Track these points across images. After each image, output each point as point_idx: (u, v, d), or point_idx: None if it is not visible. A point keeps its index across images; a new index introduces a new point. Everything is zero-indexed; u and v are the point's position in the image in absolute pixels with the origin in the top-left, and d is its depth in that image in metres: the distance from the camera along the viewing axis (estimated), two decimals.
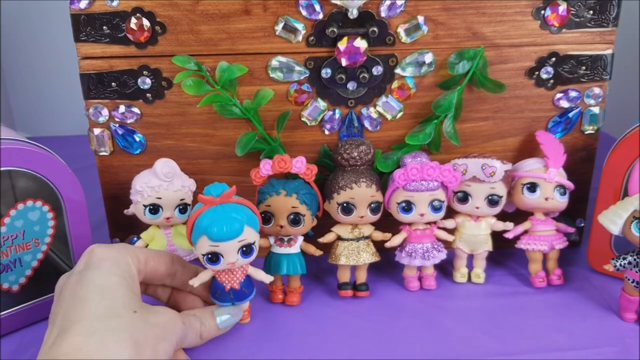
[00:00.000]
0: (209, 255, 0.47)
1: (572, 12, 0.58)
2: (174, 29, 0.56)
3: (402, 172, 0.56)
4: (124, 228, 0.63)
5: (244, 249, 0.48)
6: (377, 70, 0.58)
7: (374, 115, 0.60)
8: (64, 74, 1.03)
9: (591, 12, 0.58)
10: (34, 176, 0.52)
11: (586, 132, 0.63)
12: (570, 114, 0.62)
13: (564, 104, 0.62)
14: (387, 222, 0.59)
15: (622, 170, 0.58)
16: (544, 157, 0.59)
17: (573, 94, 0.61)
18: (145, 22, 0.55)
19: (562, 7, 0.58)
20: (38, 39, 1.04)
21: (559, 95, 0.61)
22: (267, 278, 0.52)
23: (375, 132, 0.61)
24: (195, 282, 0.49)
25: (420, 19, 0.57)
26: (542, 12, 0.58)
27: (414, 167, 0.56)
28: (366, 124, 0.61)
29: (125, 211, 0.59)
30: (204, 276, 0.50)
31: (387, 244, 0.58)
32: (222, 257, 0.47)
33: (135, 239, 0.60)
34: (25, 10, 1.02)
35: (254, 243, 0.48)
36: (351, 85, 0.59)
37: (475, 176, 0.58)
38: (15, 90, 1.07)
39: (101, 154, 0.60)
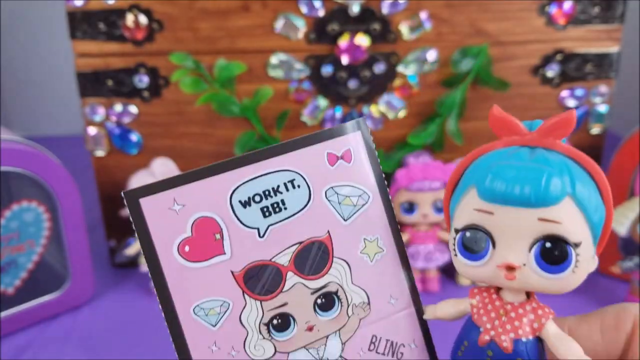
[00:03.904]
0: (467, 234, 0.23)
1: (577, 8, 0.57)
2: (172, 26, 0.55)
3: (404, 172, 0.55)
4: (121, 229, 0.62)
5: (547, 245, 0.22)
6: (379, 68, 0.57)
7: (376, 114, 0.60)
8: (60, 73, 1.02)
9: (597, 8, 0.58)
10: (29, 176, 0.51)
11: (592, 131, 0.62)
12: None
13: (570, 102, 0.61)
14: None
15: (629, 170, 0.57)
16: None
17: (579, 92, 0.60)
18: (142, 19, 0.55)
19: (568, 4, 0.57)
20: (33, 37, 1.04)
21: (564, 93, 0.61)
22: None
23: (377, 132, 0.60)
24: (432, 312, 0.26)
25: (423, 15, 0.56)
26: (547, 8, 0.57)
27: (416, 167, 0.55)
28: (368, 123, 0.60)
29: (121, 212, 0.58)
30: (452, 306, 0.26)
31: None
32: (493, 244, 0.23)
33: (131, 240, 0.59)
34: (21, 8, 1.02)
35: (578, 245, 0.23)
36: (352, 84, 0.58)
37: None
38: (11, 89, 1.07)
39: (97, 154, 0.59)
